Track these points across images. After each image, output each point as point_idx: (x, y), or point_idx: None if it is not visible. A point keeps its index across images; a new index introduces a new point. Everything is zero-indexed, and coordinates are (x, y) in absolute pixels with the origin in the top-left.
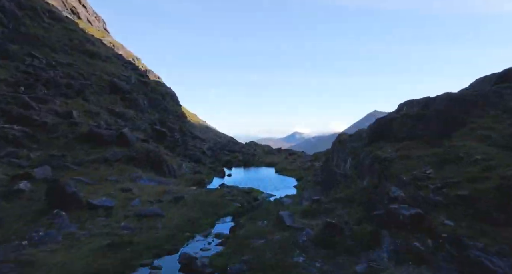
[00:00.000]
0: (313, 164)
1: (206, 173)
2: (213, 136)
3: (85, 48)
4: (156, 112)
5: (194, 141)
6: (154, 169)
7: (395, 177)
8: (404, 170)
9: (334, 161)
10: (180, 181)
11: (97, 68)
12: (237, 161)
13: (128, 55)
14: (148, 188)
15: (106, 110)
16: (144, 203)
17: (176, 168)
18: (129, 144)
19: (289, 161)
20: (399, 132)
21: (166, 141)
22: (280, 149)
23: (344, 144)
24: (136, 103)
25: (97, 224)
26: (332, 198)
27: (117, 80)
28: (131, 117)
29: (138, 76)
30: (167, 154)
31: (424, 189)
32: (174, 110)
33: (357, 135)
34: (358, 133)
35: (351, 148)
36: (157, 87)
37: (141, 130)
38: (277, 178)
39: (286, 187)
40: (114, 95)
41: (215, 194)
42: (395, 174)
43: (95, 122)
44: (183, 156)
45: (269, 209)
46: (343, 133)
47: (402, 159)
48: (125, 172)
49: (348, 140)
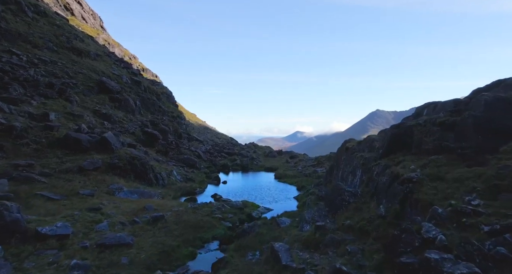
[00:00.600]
0: (315, 170)
1: (199, 180)
2: (212, 137)
3: (72, 45)
4: (149, 113)
5: (190, 143)
6: (139, 178)
7: (425, 206)
8: (437, 196)
9: (339, 172)
10: (168, 191)
11: (84, 67)
12: (234, 165)
13: (124, 54)
14: (125, 204)
15: (92, 112)
16: (114, 226)
17: (165, 176)
18: (111, 150)
19: (290, 165)
20: (423, 143)
21: (158, 144)
22: (281, 151)
23: (352, 153)
24: (127, 104)
25: (41, 262)
26: (339, 224)
27: (106, 79)
28: (120, 119)
29: (130, 75)
30: (158, 160)
31: (473, 230)
32: (169, 110)
33: (367, 143)
34: (368, 141)
35: (360, 159)
36: (152, 86)
37: (129, 134)
38: (276, 186)
39: (285, 198)
40: (102, 96)
41: (202, 210)
42: (424, 202)
43: (76, 126)
44: (177, 160)
45: (263, 234)
46: (350, 140)
47: (432, 180)
48: (103, 183)
49: (356, 147)
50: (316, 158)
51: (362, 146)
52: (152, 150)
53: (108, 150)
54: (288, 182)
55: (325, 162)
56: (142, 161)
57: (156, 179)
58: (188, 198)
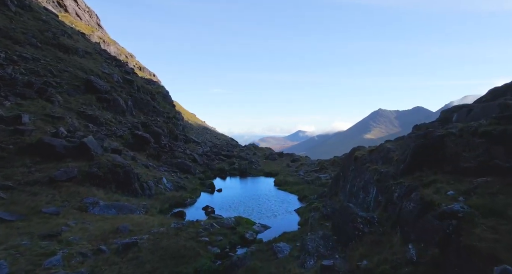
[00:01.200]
0: (318, 176)
1: (192, 188)
2: (211, 138)
3: (59, 42)
4: (142, 114)
5: (187, 146)
6: (121, 188)
7: (482, 259)
8: (500, 245)
9: (347, 184)
10: (154, 203)
11: (71, 64)
12: (232, 170)
13: (121, 52)
14: (97, 223)
15: (76, 113)
16: (71, 260)
17: (153, 185)
18: (90, 157)
19: (291, 169)
20: (462, 160)
21: (149, 148)
22: (282, 153)
23: (362, 163)
24: (116, 104)
25: None
26: (353, 265)
27: (94, 78)
28: (107, 121)
29: (123, 73)
30: (147, 165)
31: None
32: (165, 111)
33: (381, 152)
34: (382, 151)
35: (374, 173)
36: (146, 86)
37: (117, 137)
38: (276, 195)
39: (285, 212)
40: (89, 95)
41: (187, 232)
42: (481, 252)
43: (54, 129)
44: (170, 165)
45: (256, 270)
46: (359, 148)
47: (486, 216)
48: (76, 196)
49: (367, 157)
50: (318, 162)
51: (374, 156)
52: (142, 154)
53: (87, 156)
54: (288, 190)
55: (329, 167)
56: (126, 168)
57: (141, 189)
58: (174, 213)
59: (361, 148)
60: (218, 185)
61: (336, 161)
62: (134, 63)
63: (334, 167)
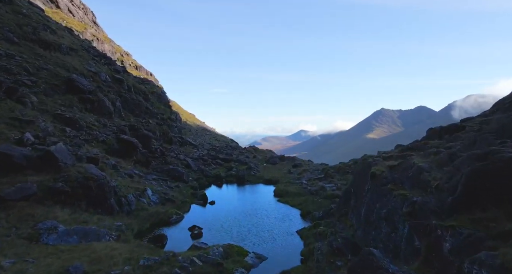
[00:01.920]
0: (323, 186)
1: (181, 200)
2: (210, 139)
3: (39, 37)
4: (132, 116)
5: (182, 149)
6: (93, 205)
7: None
8: None
9: (362, 208)
10: (132, 222)
11: (51, 62)
12: (229, 176)
13: (116, 50)
14: (43, 262)
15: (51, 115)
16: None
17: (134, 199)
18: (57, 168)
19: (293, 176)
20: None
21: (136, 154)
22: (283, 156)
23: (383, 184)
24: (101, 105)
25: None
26: None
27: (76, 76)
28: (89, 124)
29: (112, 72)
30: (131, 174)
31: None
32: (159, 112)
33: (411, 171)
34: (412, 170)
35: (403, 201)
36: (139, 85)
37: (98, 142)
38: (276, 210)
39: (285, 233)
40: (69, 96)
41: (159, 272)
42: None
43: (21, 134)
44: (160, 171)
45: None
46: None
47: None
48: (29, 220)
49: (388, 175)
50: (323, 168)
51: (398, 175)
52: (128, 161)
53: (53, 168)
54: (290, 202)
55: (334, 175)
56: (100, 181)
57: (119, 205)
58: (154, 237)
59: (380, 163)
60: (212, 196)
61: (343, 168)
62: (130, 62)
63: (340, 174)
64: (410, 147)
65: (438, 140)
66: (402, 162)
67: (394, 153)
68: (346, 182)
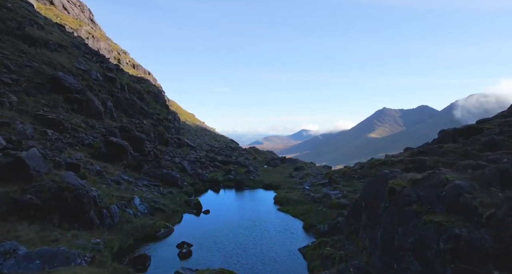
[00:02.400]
0: (327, 193)
1: (172, 209)
2: (210, 140)
3: (24, 33)
4: (125, 117)
5: (179, 151)
6: (69, 220)
7: None
8: None
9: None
10: (113, 238)
11: (36, 59)
12: (227, 181)
13: (113, 48)
14: None
15: (32, 117)
16: None
17: (117, 210)
18: (28, 178)
19: (295, 180)
20: None
21: (127, 157)
22: (285, 158)
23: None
24: (90, 105)
25: None
26: None
27: (63, 74)
28: (75, 126)
29: (104, 70)
30: (119, 181)
31: None
32: (155, 112)
33: (444, 190)
34: (444, 187)
35: (440, 233)
36: (134, 84)
37: (84, 146)
38: (276, 220)
39: (287, 252)
40: (54, 95)
41: None
42: None
43: None
44: (153, 176)
45: None
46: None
47: None
48: None
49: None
50: (326, 172)
51: (427, 194)
52: (117, 166)
53: (23, 177)
54: (291, 212)
55: (339, 180)
56: (77, 191)
57: (100, 218)
58: (134, 258)
59: (398, 175)
60: (207, 203)
61: (348, 173)
62: (128, 60)
63: (345, 180)
64: (422, 150)
65: (453, 143)
66: (429, 176)
67: (404, 156)
68: (352, 189)
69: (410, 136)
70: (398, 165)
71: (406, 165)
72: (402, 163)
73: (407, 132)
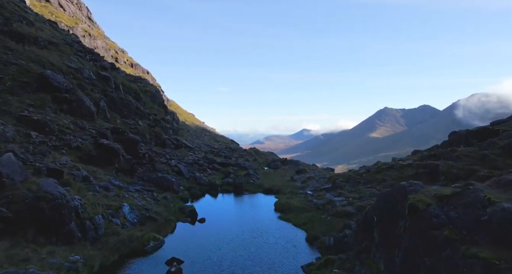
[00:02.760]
0: (331, 199)
1: (165, 217)
2: (209, 140)
3: (11, 29)
4: (119, 118)
5: (176, 152)
6: (45, 234)
7: None
8: None
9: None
10: (94, 254)
11: (23, 56)
12: (225, 185)
13: (110, 47)
14: None
15: (14, 118)
16: None
17: (102, 221)
18: (1, 186)
19: (296, 184)
20: None
21: (118, 161)
22: (286, 159)
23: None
24: (81, 105)
25: None
26: None
27: (51, 73)
28: (63, 127)
29: (98, 69)
30: (108, 187)
31: None
32: (152, 113)
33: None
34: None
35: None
36: (129, 83)
37: (71, 149)
38: (277, 230)
39: (290, 271)
40: (42, 95)
41: None
42: None
43: None
44: (146, 180)
45: None
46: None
47: None
48: None
49: (439, 213)
50: (330, 176)
51: (460, 215)
52: (108, 170)
53: None
54: (293, 220)
55: (343, 185)
56: (56, 201)
57: (82, 230)
58: None
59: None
60: (203, 210)
61: (353, 177)
62: (126, 59)
63: (350, 185)
64: (432, 154)
65: (465, 146)
66: (461, 193)
67: (413, 160)
68: (358, 195)
69: (411, 136)
70: (407, 170)
71: (416, 169)
72: (411, 167)
73: (409, 132)
